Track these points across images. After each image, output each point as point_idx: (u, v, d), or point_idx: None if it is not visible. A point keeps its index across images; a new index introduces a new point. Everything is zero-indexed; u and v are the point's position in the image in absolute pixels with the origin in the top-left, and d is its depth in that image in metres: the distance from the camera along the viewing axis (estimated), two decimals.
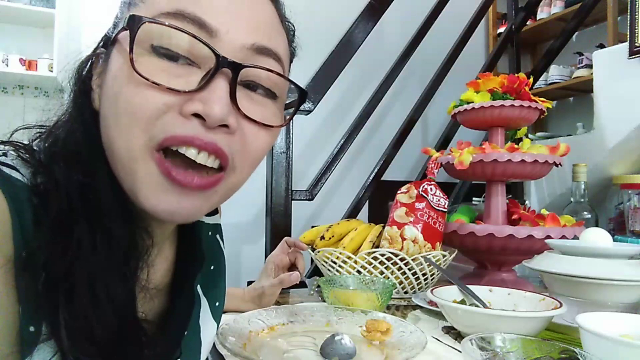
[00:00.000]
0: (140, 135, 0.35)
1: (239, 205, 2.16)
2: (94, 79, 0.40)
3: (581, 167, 1.23)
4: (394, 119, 2.25)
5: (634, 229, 1.29)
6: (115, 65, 0.37)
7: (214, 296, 0.53)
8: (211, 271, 0.53)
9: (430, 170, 1.01)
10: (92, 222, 0.35)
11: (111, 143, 0.36)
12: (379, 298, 0.77)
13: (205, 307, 0.51)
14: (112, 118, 0.36)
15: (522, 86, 1.01)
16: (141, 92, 0.34)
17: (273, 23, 0.42)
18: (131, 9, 0.37)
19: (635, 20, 1.39)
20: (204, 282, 0.51)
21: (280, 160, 1.40)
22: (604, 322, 0.54)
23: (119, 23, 0.39)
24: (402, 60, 1.90)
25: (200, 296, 0.50)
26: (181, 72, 0.35)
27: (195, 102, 0.35)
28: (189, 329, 0.46)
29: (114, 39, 0.37)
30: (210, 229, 0.56)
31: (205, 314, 0.50)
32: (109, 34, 0.41)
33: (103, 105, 0.37)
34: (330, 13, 2.26)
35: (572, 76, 2.45)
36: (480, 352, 0.50)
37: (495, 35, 2.82)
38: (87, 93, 0.39)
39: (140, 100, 0.34)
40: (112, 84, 0.36)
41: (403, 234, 0.93)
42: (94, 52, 0.41)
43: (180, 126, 0.35)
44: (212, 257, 0.53)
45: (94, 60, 0.40)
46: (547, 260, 0.76)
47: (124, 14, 0.38)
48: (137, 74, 0.34)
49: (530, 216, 1.00)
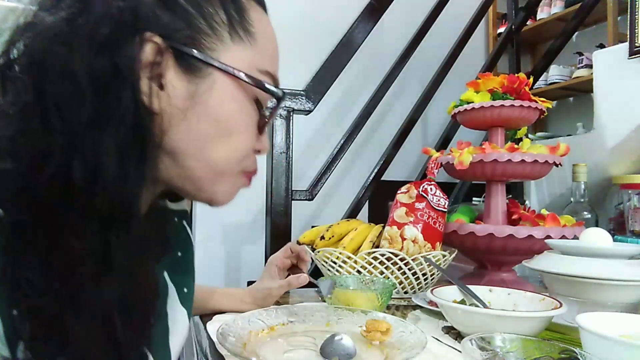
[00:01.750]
0: (240, 162, 0.46)
1: (239, 205, 2.16)
2: (144, 70, 0.38)
3: (581, 167, 1.23)
4: (394, 119, 2.25)
5: (634, 229, 1.29)
6: (232, 100, 0.43)
7: (182, 283, 0.54)
8: (179, 257, 0.55)
9: (430, 170, 1.01)
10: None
11: (207, 153, 0.43)
12: (379, 298, 0.77)
13: (172, 293, 0.52)
14: (215, 137, 0.43)
15: (522, 86, 1.01)
16: (252, 139, 0.46)
17: None
18: (235, 40, 0.43)
19: (635, 20, 1.39)
20: (171, 268, 0.52)
21: (280, 160, 1.40)
22: (604, 322, 0.54)
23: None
24: (402, 60, 1.90)
25: (168, 282, 0.51)
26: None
27: (259, 142, 0.47)
28: (156, 316, 0.46)
29: (228, 68, 0.42)
30: (176, 215, 0.57)
31: (173, 301, 0.52)
32: (173, 34, 0.39)
33: (197, 120, 0.41)
34: (330, 13, 2.26)
35: (572, 76, 2.45)
36: (480, 352, 0.50)
37: (495, 35, 2.82)
38: (131, 84, 0.37)
39: (249, 145, 0.46)
40: (227, 115, 0.43)
41: (403, 234, 0.93)
42: (135, 36, 0.37)
43: (255, 162, 0.49)
44: (179, 244, 0.55)
45: (137, 46, 0.37)
46: (547, 260, 0.76)
47: (213, 25, 0.42)
48: (257, 131, 0.46)
49: (530, 216, 1.00)
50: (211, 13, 0.41)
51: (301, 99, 1.46)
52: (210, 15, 0.41)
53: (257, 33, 0.44)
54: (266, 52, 0.45)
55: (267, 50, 0.46)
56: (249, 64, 0.43)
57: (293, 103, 1.44)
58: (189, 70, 0.40)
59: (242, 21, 0.43)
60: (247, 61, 0.43)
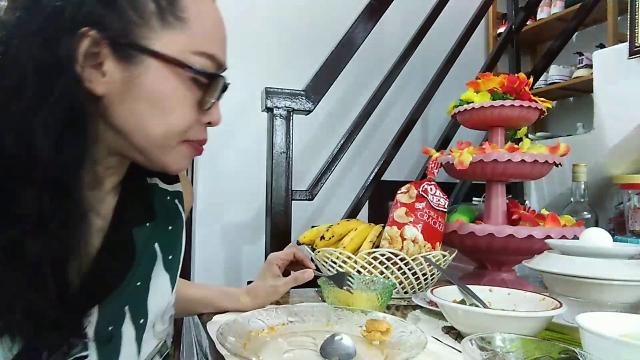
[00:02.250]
0: (180, 135, 0.50)
1: (239, 205, 2.17)
2: (82, 60, 0.44)
3: (581, 167, 1.23)
4: (394, 119, 2.25)
5: (634, 229, 1.29)
6: (164, 82, 0.47)
7: (169, 252, 0.60)
8: (169, 231, 0.61)
9: (430, 170, 1.01)
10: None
11: (145, 129, 0.48)
12: (379, 298, 0.77)
13: (159, 260, 0.58)
14: (151, 115, 0.48)
15: (522, 86, 1.01)
16: (190, 114, 0.50)
17: None
18: (165, 27, 0.47)
19: (635, 20, 1.39)
20: (161, 239, 0.59)
21: (280, 160, 1.40)
22: (604, 322, 0.54)
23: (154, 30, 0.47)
24: (402, 60, 1.90)
25: (157, 251, 0.58)
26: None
27: (207, 115, 0.52)
28: (140, 278, 0.55)
29: (158, 53, 0.46)
30: (169, 195, 0.64)
31: (157, 267, 0.58)
32: (100, 18, 0.44)
33: (132, 100, 0.47)
34: (330, 13, 2.26)
35: (572, 76, 2.45)
36: (480, 352, 0.50)
37: (495, 35, 2.82)
38: (72, 72, 0.44)
39: (188, 121, 0.50)
40: (160, 95, 0.47)
41: (403, 234, 0.93)
42: (74, 32, 0.43)
43: (203, 133, 0.54)
44: (170, 219, 0.62)
45: (76, 39, 0.44)
46: (547, 260, 0.76)
47: (143, 13, 0.46)
48: (199, 108, 0.51)
49: (530, 216, 1.00)
50: (141, 5, 0.46)
51: (301, 99, 1.46)
52: (141, 6, 0.46)
53: (189, 18, 0.48)
54: (202, 35, 0.49)
55: (203, 33, 0.49)
56: (181, 47, 0.47)
57: (293, 103, 1.44)
58: (124, 58, 0.46)
59: (172, 9, 0.47)
60: (178, 45, 0.47)
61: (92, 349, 0.49)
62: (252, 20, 2.17)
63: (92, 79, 0.45)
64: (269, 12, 2.22)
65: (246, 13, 2.15)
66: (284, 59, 2.22)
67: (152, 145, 0.50)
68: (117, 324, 0.52)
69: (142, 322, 0.55)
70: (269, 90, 1.40)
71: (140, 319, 0.55)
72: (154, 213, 0.59)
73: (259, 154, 1.60)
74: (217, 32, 0.52)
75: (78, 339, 0.47)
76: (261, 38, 2.19)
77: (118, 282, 0.53)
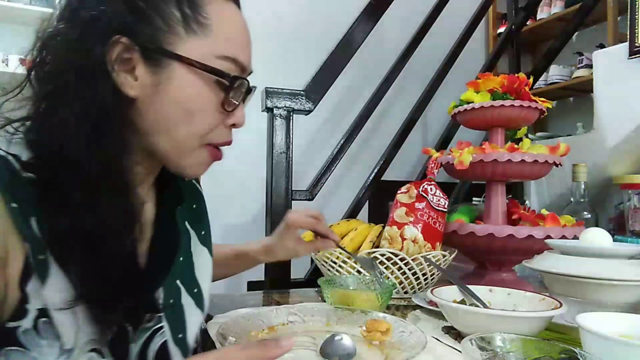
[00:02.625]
0: (203, 137, 0.53)
1: (239, 205, 2.16)
2: (115, 64, 0.48)
3: (581, 167, 1.23)
4: (394, 119, 2.25)
5: (634, 229, 1.29)
6: (189, 85, 0.51)
7: (200, 228, 0.66)
8: (194, 209, 0.67)
9: (430, 170, 1.01)
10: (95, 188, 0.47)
11: (171, 130, 0.52)
12: (379, 298, 0.77)
13: (194, 237, 0.64)
14: (178, 116, 0.51)
15: (522, 86, 1.01)
16: (214, 116, 0.53)
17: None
18: (189, 33, 0.50)
19: (635, 20, 1.39)
20: (190, 218, 0.65)
21: (280, 160, 1.40)
22: (604, 322, 0.54)
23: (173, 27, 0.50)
24: (402, 60, 1.90)
25: (189, 229, 0.64)
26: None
27: (232, 117, 0.55)
28: (183, 254, 0.61)
29: (183, 58, 0.49)
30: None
31: (195, 243, 0.64)
32: (130, 24, 0.48)
33: (161, 103, 0.50)
34: (330, 13, 2.26)
35: (572, 76, 2.45)
36: (480, 352, 0.50)
37: (495, 35, 2.82)
38: (107, 76, 0.48)
39: (212, 123, 0.53)
40: (186, 97, 0.51)
41: (403, 234, 0.93)
42: (106, 38, 0.47)
43: (227, 135, 0.56)
44: (193, 198, 0.67)
45: (109, 46, 0.48)
46: (547, 260, 0.76)
47: (168, 19, 0.50)
48: (223, 109, 0.53)
49: (530, 216, 1.00)
50: (167, 14, 0.49)
51: (301, 99, 1.46)
52: (167, 15, 0.49)
53: (212, 25, 0.51)
54: (224, 40, 0.52)
55: (226, 38, 0.52)
56: (205, 52, 0.51)
57: (293, 103, 1.44)
58: (153, 63, 0.49)
59: (196, 16, 0.50)
60: (202, 50, 0.50)
61: (164, 320, 0.56)
62: (252, 20, 2.16)
63: (125, 82, 0.49)
64: (269, 12, 2.22)
65: (246, 13, 2.15)
66: (284, 59, 2.22)
67: (174, 147, 0.53)
68: (177, 297, 0.58)
69: (196, 292, 0.61)
70: (269, 90, 1.40)
71: (194, 289, 0.61)
72: (183, 196, 0.65)
73: (259, 154, 1.60)
74: (239, 37, 0.55)
75: (154, 313, 0.55)
76: (261, 38, 2.19)
77: (172, 261, 0.59)
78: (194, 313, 0.60)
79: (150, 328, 0.54)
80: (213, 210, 0.70)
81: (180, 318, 0.58)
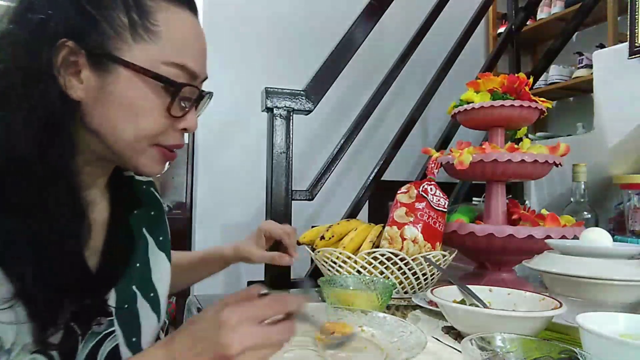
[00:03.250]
0: (150, 139, 0.54)
1: (239, 205, 2.17)
2: (61, 67, 0.49)
3: (581, 167, 1.23)
4: (394, 119, 2.25)
5: (634, 229, 1.29)
6: (134, 89, 0.51)
7: (158, 234, 0.68)
8: (152, 216, 0.68)
9: (430, 170, 1.01)
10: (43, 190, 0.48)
11: (117, 132, 0.52)
12: (379, 298, 0.77)
13: (151, 242, 0.66)
14: (122, 119, 0.52)
15: (522, 86, 1.01)
16: (160, 120, 0.54)
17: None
18: (137, 39, 0.51)
19: (635, 20, 1.39)
20: (148, 224, 0.66)
21: (280, 160, 1.40)
22: (604, 322, 0.54)
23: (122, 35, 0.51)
24: (402, 60, 1.90)
25: (147, 235, 0.66)
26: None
27: (182, 122, 0.56)
28: (139, 260, 0.63)
29: (128, 63, 0.50)
30: (144, 184, 0.71)
31: (152, 248, 0.66)
32: (84, 32, 0.49)
33: (106, 105, 0.51)
34: (330, 13, 2.26)
35: (572, 76, 2.45)
36: (480, 352, 0.50)
37: (495, 35, 2.82)
38: (53, 78, 0.49)
39: (158, 126, 0.54)
40: (130, 101, 0.51)
41: (403, 234, 0.93)
42: (53, 41, 0.48)
43: (177, 139, 0.57)
44: (152, 205, 0.69)
45: (55, 49, 0.49)
46: (547, 260, 0.76)
47: (112, 24, 0.50)
48: (169, 114, 0.53)
49: (530, 216, 1.00)
50: (115, 19, 0.50)
51: (301, 99, 1.46)
52: (115, 21, 0.50)
53: (161, 31, 0.52)
54: (172, 46, 0.53)
55: (174, 44, 0.53)
56: (151, 58, 0.51)
57: (293, 103, 1.44)
58: (99, 67, 0.50)
59: (144, 22, 0.51)
60: (148, 56, 0.51)
61: (117, 325, 0.57)
62: (252, 20, 2.17)
63: (71, 85, 0.50)
64: (269, 12, 2.22)
65: (246, 13, 2.15)
66: (284, 59, 2.22)
67: (124, 148, 0.54)
68: (132, 301, 0.60)
69: (152, 296, 0.63)
70: (269, 90, 1.40)
71: (150, 293, 0.63)
72: (139, 201, 0.67)
73: (259, 154, 1.60)
74: (190, 44, 0.55)
75: (104, 317, 0.55)
76: (261, 38, 2.19)
77: (125, 266, 0.61)
78: (150, 317, 0.62)
79: (100, 332, 0.55)
80: (213, 210, 0.71)
81: (134, 322, 0.59)
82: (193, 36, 0.56)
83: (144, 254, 0.64)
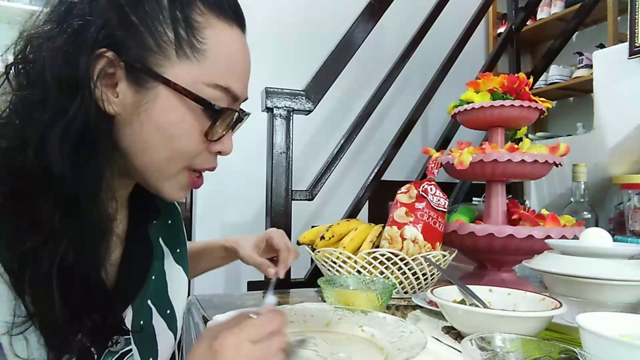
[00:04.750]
0: (184, 162, 0.51)
1: (239, 205, 2.16)
2: (97, 78, 0.45)
3: (581, 167, 1.23)
4: (394, 119, 2.25)
5: (634, 229, 1.29)
6: (172, 110, 0.48)
7: (175, 245, 0.64)
8: (169, 225, 0.65)
9: (430, 170, 1.01)
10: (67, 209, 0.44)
11: (149, 153, 0.49)
12: (379, 298, 0.77)
13: (168, 255, 0.63)
14: (157, 140, 0.48)
15: (522, 86, 1.01)
16: (195, 144, 0.50)
17: None
18: (181, 56, 0.47)
19: (635, 20, 1.39)
20: (164, 234, 0.63)
21: (280, 160, 1.40)
22: (604, 322, 0.54)
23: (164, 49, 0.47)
24: (402, 60, 1.90)
25: (163, 246, 0.62)
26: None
27: (218, 145, 0.53)
28: (155, 273, 0.59)
29: (169, 82, 0.47)
30: None
31: (169, 261, 0.62)
32: (124, 44, 0.46)
33: (141, 125, 0.48)
34: (330, 13, 2.26)
35: (572, 76, 2.45)
36: (480, 352, 0.50)
37: (495, 35, 2.82)
38: (89, 89, 0.45)
39: (193, 150, 0.50)
40: (167, 123, 0.48)
41: (403, 234, 0.93)
42: (92, 50, 0.45)
43: (211, 161, 0.54)
44: (169, 213, 0.65)
45: (93, 58, 0.45)
46: (547, 260, 0.76)
47: (159, 41, 0.47)
48: (206, 138, 0.50)
49: (530, 216, 1.00)
50: (160, 33, 0.46)
51: (301, 99, 1.46)
52: (159, 35, 0.46)
53: (208, 50, 0.48)
54: (218, 67, 0.49)
55: (220, 65, 0.49)
56: (194, 79, 0.48)
57: (293, 103, 1.44)
58: (137, 83, 0.46)
59: (190, 39, 0.47)
60: (191, 76, 0.47)
61: (133, 344, 0.53)
62: (252, 20, 2.16)
63: (106, 98, 0.46)
64: (269, 12, 2.22)
65: (246, 13, 2.15)
66: (284, 59, 2.22)
67: (152, 170, 0.50)
68: (147, 318, 0.56)
69: (169, 313, 0.59)
70: (269, 90, 1.40)
71: (167, 310, 0.59)
72: (158, 210, 0.62)
73: (259, 154, 1.60)
74: (236, 65, 0.51)
75: (122, 335, 0.52)
76: (261, 38, 2.19)
77: (143, 280, 0.57)
78: (166, 336, 0.58)
79: (117, 351, 0.52)
80: (213, 210, 0.70)
81: (151, 341, 0.56)
82: (240, 56, 0.52)
83: (160, 267, 0.60)
